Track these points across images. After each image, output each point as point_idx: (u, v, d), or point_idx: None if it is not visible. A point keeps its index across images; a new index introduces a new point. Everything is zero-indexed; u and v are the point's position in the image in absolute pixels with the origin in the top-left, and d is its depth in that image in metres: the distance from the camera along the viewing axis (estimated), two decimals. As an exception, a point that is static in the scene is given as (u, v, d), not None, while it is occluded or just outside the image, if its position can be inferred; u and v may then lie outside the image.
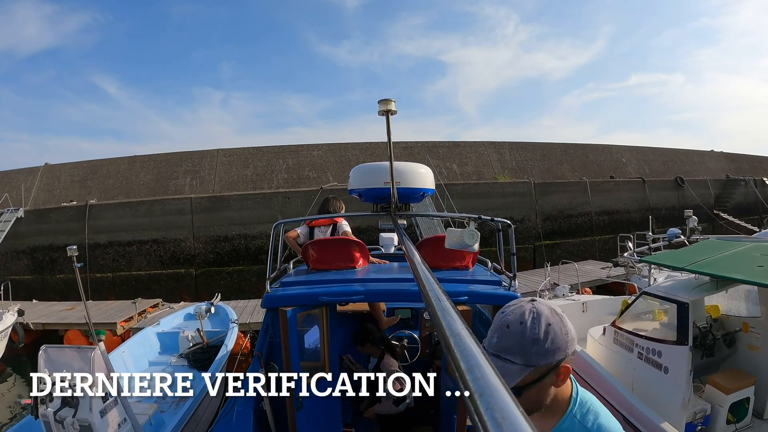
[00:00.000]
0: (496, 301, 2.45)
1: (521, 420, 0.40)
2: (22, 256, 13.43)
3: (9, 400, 7.71)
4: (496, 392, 0.44)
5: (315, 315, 2.62)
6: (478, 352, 0.53)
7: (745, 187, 19.13)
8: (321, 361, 2.66)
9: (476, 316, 3.47)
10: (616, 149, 21.37)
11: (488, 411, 0.41)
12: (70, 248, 3.72)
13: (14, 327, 8.95)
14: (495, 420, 0.40)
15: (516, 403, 0.42)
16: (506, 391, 0.44)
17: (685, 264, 3.81)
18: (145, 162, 17.38)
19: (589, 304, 6.47)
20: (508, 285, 2.48)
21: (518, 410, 0.41)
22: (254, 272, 12.50)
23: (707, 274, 3.60)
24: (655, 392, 3.73)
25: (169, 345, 6.52)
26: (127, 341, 6.50)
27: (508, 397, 0.43)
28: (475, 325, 3.47)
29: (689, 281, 3.88)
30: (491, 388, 0.44)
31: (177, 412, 4.31)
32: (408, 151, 17.45)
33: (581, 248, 14.99)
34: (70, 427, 3.26)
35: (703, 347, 3.97)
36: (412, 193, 2.54)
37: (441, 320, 0.66)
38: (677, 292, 3.72)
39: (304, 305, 2.48)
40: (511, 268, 2.50)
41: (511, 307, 0.89)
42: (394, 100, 1.77)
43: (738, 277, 3.33)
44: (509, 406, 0.41)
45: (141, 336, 6.62)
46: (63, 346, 4.01)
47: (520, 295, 2.39)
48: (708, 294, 3.79)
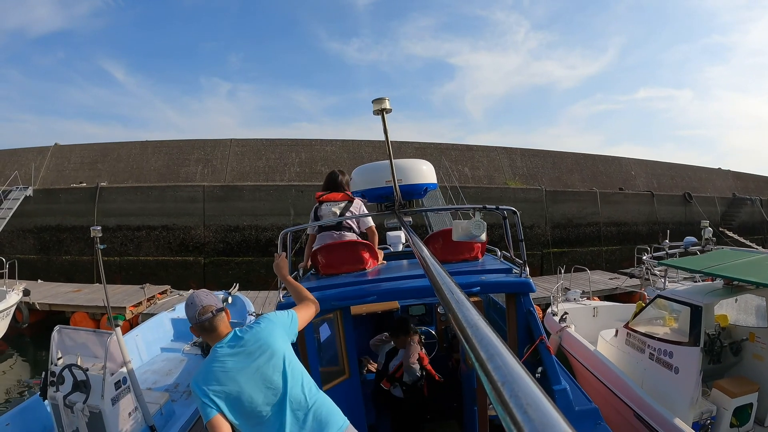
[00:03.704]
0: (509, 289, 2.47)
1: (547, 405, 0.39)
2: (28, 236, 13.33)
3: (10, 379, 7.63)
4: (520, 379, 0.43)
5: (330, 320, 2.60)
6: (497, 340, 0.52)
7: (752, 206, 19.24)
8: (340, 365, 2.64)
9: (489, 305, 3.49)
10: (625, 161, 21.43)
11: (513, 398, 0.40)
12: (94, 228, 3.63)
13: (19, 306, 8.88)
14: (521, 407, 0.39)
15: (541, 390, 0.41)
16: (529, 378, 0.43)
17: (702, 267, 4.04)
18: (157, 147, 17.28)
19: (600, 310, 6.72)
20: (519, 272, 2.47)
21: (544, 396, 0.40)
22: (263, 264, 12.44)
23: (722, 276, 3.82)
24: (665, 391, 3.89)
25: (183, 332, 6.41)
26: (140, 325, 6.42)
27: (531, 383, 0.42)
28: (490, 315, 3.52)
29: (703, 287, 4.15)
30: (514, 375, 0.44)
31: (189, 403, 4.24)
32: (421, 152, 17.44)
33: (588, 258, 15.00)
34: (79, 413, 3.15)
35: (711, 353, 4.12)
36: (415, 190, 2.52)
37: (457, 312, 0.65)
38: (692, 296, 3.92)
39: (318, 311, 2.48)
40: (521, 255, 2.49)
41: None
42: (387, 99, 1.75)
43: (753, 280, 3.49)
44: (534, 392, 0.41)
45: (155, 321, 6.53)
46: (78, 328, 3.93)
47: (531, 281, 2.41)
48: (720, 299, 4.01)
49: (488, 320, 0.62)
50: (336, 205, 3.16)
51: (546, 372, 2.33)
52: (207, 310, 1.76)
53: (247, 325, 1.84)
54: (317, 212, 3.21)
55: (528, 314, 2.42)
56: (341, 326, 2.61)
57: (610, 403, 4.42)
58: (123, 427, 3.27)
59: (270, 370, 1.69)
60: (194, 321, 1.76)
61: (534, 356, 2.37)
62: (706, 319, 3.76)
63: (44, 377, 3.32)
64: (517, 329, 2.45)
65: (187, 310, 1.81)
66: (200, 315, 1.74)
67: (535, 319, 2.42)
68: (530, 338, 2.41)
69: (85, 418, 3.15)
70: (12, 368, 8.29)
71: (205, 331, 1.76)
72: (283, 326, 1.84)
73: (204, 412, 1.63)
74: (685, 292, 4.06)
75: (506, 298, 2.51)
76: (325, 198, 3.20)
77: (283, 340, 1.79)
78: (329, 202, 3.19)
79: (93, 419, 3.16)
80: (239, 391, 1.64)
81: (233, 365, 1.67)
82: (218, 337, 1.76)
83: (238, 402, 1.63)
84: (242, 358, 1.69)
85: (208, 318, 1.74)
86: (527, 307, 2.42)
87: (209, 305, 1.77)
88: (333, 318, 2.61)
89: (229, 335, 1.76)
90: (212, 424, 1.61)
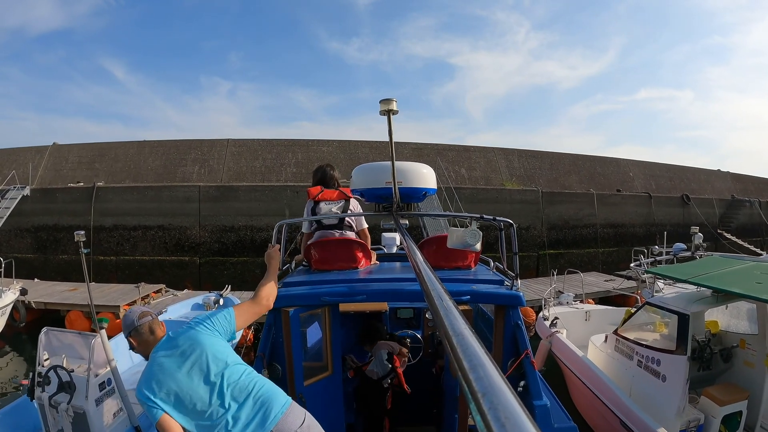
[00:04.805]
0: (499, 301, 2.45)
1: (525, 419, 0.39)
2: (25, 235, 13.37)
3: (4, 378, 7.66)
4: (500, 392, 0.43)
5: (317, 315, 2.61)
6: (481, 351, 0.53)
7: (750, 208, 19.17)
8: (324, 362, 2.64)
9: (478, 315, 3.49)
10: (623, 163, 21.38)
11: (491, 410, 0.41)
12: (77, 233, 3.68)
13: (16, 305, 8.90)
14: (498, 419, 0.39)
15: (520, 403, 0.42)
16: (510, 391, 0.44)
17: (688, 277, 3.98)
18: (154, 147, 17.31)
19: (593, 313, 6.69)
20: (511, 284, 2.47)
21: (522, 410, 0.41)
22: (258, 264, 12.45)
23: (708, 286, 3.79)
24: (652, 399, 3.87)
25: (173, 333, 6.46)
26: (132, 326, 6.44)
27: (511, 396, 0.42)
28: (478, 325, 3.47)
29: (691, 294, 4.07)
30: (494, 388, 0.44)
31: None
32: (418, 153, 17.44)
33: (584, 259, 14.98)
34: (64, 414, 3.17)
35: (701, 360, 4.10)
36: (414, 193, 2.52)
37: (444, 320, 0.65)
38: (679, 303, 3.89)
39: (306, 305, 2.47)
40: (514, 268, 2.49)
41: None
42: (395, 100, 1.75)
43: (737, 291, 3.46)
44: (513, 406, 0.41)
45: (146, 322, 6.56)
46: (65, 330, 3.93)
47: (523, 295, 2.41)
48: (708, 307, 3.97)
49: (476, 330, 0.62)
50: (335, 204, 3.04)
51: (528, 386, 2.33)
52: (146, 314, 1.90)
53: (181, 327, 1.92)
54: (315, 211, 3.04)
55: (515, 327, 2.42)
56: (328, 322, 2.61)
57: (597, 410, 4.41)
58: (108, 428, 3.28)
59: (204, 365, 1.75)
60: (131, 327, 1.85)
61: (518, 370, 2.37)
62: (694, 326, 3.75)
63: (32, 378, 3.35)
64: (503, 341, 2.44)
65: (124, 320, 1.90)
66: (140, 318, 1.86)
67: (522, 333, 2.41)
68: (516, 351, 2.41)
69: (70, 419, 3.18)
70: (6, 367, 8.32)
71: (142, 335, 1.85)
72: (217, 325, 1.90)
73: (150, 414, 1.69)
74: (673, 300, 4.03)
75: (495, 310, 2.50)
76: (322, 197, 3.04)
77: (214, 336, 1.86)
78: (327, 201, 3.04)
79: (77, 419, 3.18)
80: (179, 389, 1.70)
81: (169, 365, 1.74)
82: (154, 342, 1.85)
83: (179, 400, 1.69)
84: (177, 358, 1.76)
85: (148, 320, 1.87)
86: (515, 320, 2.42)
87: (146, 311, 1.92)
88: (321, 314, 2.61)
89: (163, 339, 1.85)
90: (160, 424, 1.68)
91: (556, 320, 6.03)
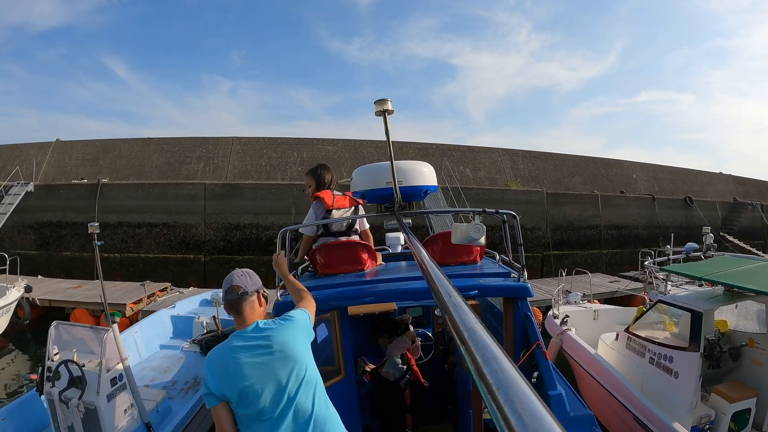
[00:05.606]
0: (507, 293, 2.45)
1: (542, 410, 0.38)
2: (28, 231, 13.32)
3: (9, 374, 7.62)
4: (515, 384, 0.42)
5: (327, 319, 2.60)
6: (493, 344, 0.52)
7: (752, 211, 19.22)
8: (336, 366, 2.63)
9: (487, 309, 3.49)
10: (627, 165, 21.42)
11: (508, 402, 0.40)
12: (91, 225, 3.56)
13: (20, 303, 8.85)
14: (516, 411, 0.38)
15: (536, 394, 0.41)
16: (525, 382, 0.43)
17: (702, 274, 4.06)
18: (159, 145, 17.26)
19: (601, 313, 6.76)
20: (518, 276, 2.47)
21: (538, 400, 0.40)
22: (264, 262, 12.39)
23: (722, 283, 3.84)
24: (664, 395, 3.92)
25: (182, 329, 6.42)
26: (140, 322, 6.40)
27: (527, 388, 0.42)
28: (487, 318, 3.50)
29: (704, 292, 4.17)
30: (509, 380, 0.43)
31: (186, 400, 4.21)
32: (423, 153, 17.43)
33: (589, 260, 14.99)
34: (74, 409, 3.12)
35: (711, 358, 4.16)
36: (415, 192, 2.52)
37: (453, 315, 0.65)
38: (692, 301, 3.96)
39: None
40: (519, 260, 2.48)
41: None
42: (390, 100, 1.74)
43: (753, 288, 3.51)
44: (529, 397, 0.40)
45: (155, 318, 6.52)
46: (75, 324, 3.87)
47: (530, 286, 2.40)
48: (720, 305, 4.04)
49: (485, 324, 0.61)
50: (347, 212, 3.07)
51: (542, 377, 2.32)
52: (235, 290, 1.73)
53: (273, 320, 1.81)
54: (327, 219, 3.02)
55: (525, 318, 2.41)
56: (338, 326, 2.60)
57: (610, 406, 4.44)
58: (118, 424, 3.24)
59: (284, 374, 1.66)
60: (223, 298, 1.76)
61: (530, 361, 2.37)
62: (706, 324, 3.79)
63: (41, 372, 3.29)
64: (513, 333, 2.44)
65: (223, 286, 1.80)
66: (228, 293, 1.74)
67: (532, 324, 2.41)
68: (527, 342, 2.41)
69: (80, 414, 3.13)
70: (12, 363, 8.28)
71: (232, 310, 1.74)
72: (305, 328, 1.82)
73: (207, 400, 1.64)
74: (686, 298, 4.09)
75: (504, 302, 2.50)
76: (336, 205, 3.03)
77: (304, 345, 1.76)
78: (340, 209, 3.04)
79: (88, 415, 3.14)
80: (248, 385, 1.63)
81: (247, 359, 1.65)
82: (243, 321, 1.74)
83: (244, 395, 1.62)
84: (259, 354, 1.66)
85: (233, 298, 1.73)
86: (524, 311, 2.42)
87: (238, 286, 1.74)
88: (330, 318, 2.60)
89: (251, 326, 1.73)
90: (214, 413, 1.64)
91: (566, 318, 6.04)
